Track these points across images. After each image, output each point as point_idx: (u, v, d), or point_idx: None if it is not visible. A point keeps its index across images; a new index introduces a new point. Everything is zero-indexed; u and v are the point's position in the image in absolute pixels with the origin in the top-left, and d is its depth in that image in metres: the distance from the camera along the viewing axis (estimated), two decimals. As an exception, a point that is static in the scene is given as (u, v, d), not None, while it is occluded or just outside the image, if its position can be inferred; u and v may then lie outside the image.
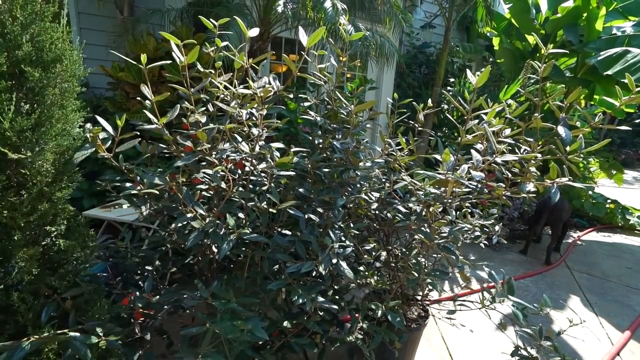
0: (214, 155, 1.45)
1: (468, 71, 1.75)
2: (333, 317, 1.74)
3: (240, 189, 1.48)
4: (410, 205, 1.81)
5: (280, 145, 1.64)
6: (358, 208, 1.94)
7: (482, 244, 2.06)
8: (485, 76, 1.54)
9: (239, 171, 1.54)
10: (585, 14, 4.64)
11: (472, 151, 1.59)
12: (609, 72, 4.03)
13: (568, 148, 1.51)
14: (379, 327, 1.64)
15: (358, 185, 1.81)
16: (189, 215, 1.32)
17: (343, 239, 1.61)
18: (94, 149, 1.28)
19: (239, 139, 1.54)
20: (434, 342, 2.50)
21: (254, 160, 1.52)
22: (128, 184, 1.41)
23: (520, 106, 1.73)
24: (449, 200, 1.65)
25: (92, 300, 1.31)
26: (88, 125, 1.29)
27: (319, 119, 1.91)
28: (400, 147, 1.97)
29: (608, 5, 4.82)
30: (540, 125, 1.59)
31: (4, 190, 1.10)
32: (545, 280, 3.55)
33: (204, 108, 1.50)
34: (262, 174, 1.54)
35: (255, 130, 1.52)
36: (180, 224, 1.44)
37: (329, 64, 1.90)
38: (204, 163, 1.48)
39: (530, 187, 1.54)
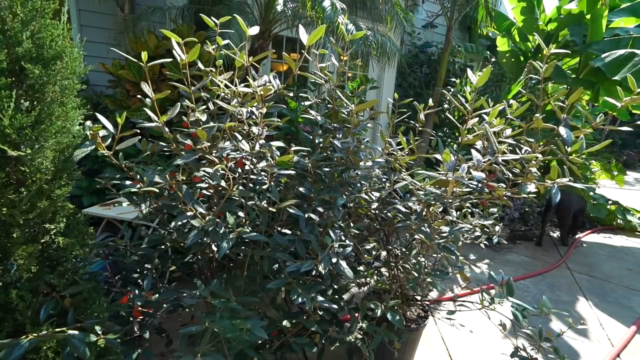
0: (214, 154, 1.45)
1: (469, 70, 1.74)
2: (332, 317, 1.73)
3: (240, 187, 1.48)
4: (411, 204, 1.80)
5: (280, 144, 1.64)
6: (358, 207, 1.94)
7: (482, 245, 2.05)
8: (486, 76, 1.54)
9: (239, 170, 1.53)
10: (589, 15, 4.62)
11: (473, 151, 1.59)
12: (617, 77, 4.01)
13: (569, 149, 1.50)
14: (378, 327, 1.64)
15: (358, 185, 1.81)
16: (188, 213, 1.32)
17: (343, 238, 1.61)
18: (94, 146, 1.28)
19: (239, 137, 1.53)
20: (433, 342, 2.50)
21: (254, 159, 1.51)
22: (128, 182, 1.41)
23: (522, 106, 1.73)
24: (450, 200, 1.65)
25: (91, 298, 1.31)
26: (88, 123, 1.29)
27: (319, 118, 1.91)
28: (400, 146, 1.97)
29: (614, 6, 4.79)
30: (541, 126, 1.59)
31: (3, 187, 1.09)
32: (546, 281, 3.54)
33: (204, 106, 1.50)
34: (262, 173, 1.54)
35: (255, 129, 1.52)
36: (180, 223, 1.44)
37: (329, 63, 1.89)
38: (204, 161, 1.48)
39: (532, 188, 1.54)
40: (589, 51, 4.58)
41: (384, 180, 1.91)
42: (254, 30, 1.45)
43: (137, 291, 1.46)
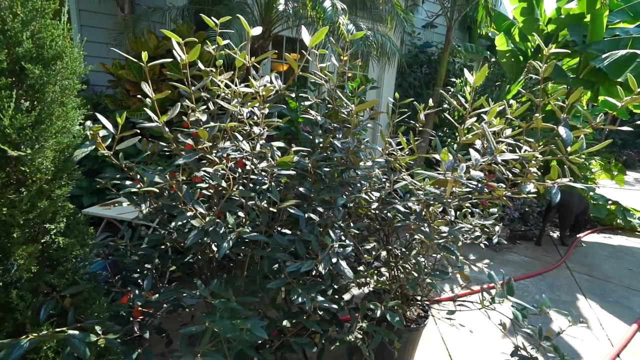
0: (214, 154, 1.45)
1: (466, 70, 1.74)
2: (332, 317, 1.73)
3: (241, 187, 1.48)
4: (410, 204, 1.80)
5: (280, 144, 1.64)
6: (358, 207, 1.94)
7: (482, 245, 2.05)
8: (482, 75, 1.54)
9: (240, 170, 1.53)
10: (589, 15, 4.62)
11: (471, 150, 1.59)
12: (620, 79, 4.01)
13: (569, 148, 1.50)
14: (378, 327, 1.64)
15: (358, 185, 1.81)
16: (188, 213, 1.32)
17: (343, 238, 1.61)
18: (94, 146, 1.28)
19: (240, 137, 1.53)
20: (433, 342, 2.50)
21: (254, 159, 1.51)
22: (128, 182, 1.41)
23: (522, 106, 1.73)
24: (449, 200, 1.65)
25: (91, 298, 1.31)
26: (88, 123, 1.29)
27: (319, 118, 1.91)
28: (400, 146, 1.97)
29: (613, 6, 4.80)
30: (541, 126, 1.59)
31: (3, 187, 1.10)
32: (546, 281, 3.54)
33: (204, 106, 1.50)
34: (263, 173, 1.54)
35: (256, 129, 1.52)
36: (180, 223, 1.44)
37: (330, 63, 1.89)
38: (204, 161, 1.48)
39: (531, 187, 1.54)
40: (588, 51, 4.58)
41: (384, 180, 1.91)
42: (257, 30, 1.45)
43: (137, 291, 1.46)
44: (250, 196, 1.47)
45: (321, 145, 1.85)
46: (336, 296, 1.72)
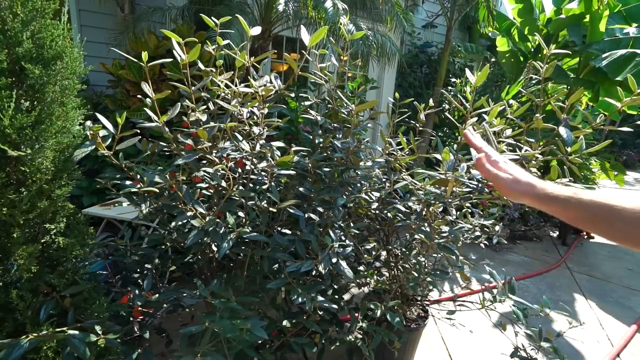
0: (214, 154, 1.45)
1: (467, 70, 1.74)
2: (332, 317, 1.73)
3: (241, 187, 1.48)
4: (410, 204, 1.80)
5: (280, 144, 1.64)
6: (358, 207, 1.94)
7: (482, 245, 2.05)
8: (484, 75, 1.54)
9: (239, 170, 1.53)
10: (588, 15, 4.62)
11: (472, 150, 1.59)
12: (619, 78, 4.02)
13: (569, 149, 1.50)
14: (378, 327, 1.64)
15: (358, 185, 1.81)
16: (188, 213, 1.32)
17: (343, 238, 1.61)
18: (94, 146, 1.27)
19: (240, 137, 1.53)
20: (433, 342, 2.50)
21: (254, 159, 1.51)
22: (128, 182, 1.40)
23: (522, 106, 1.73)
24: (450, 200, 1.65)
25: (91, 298, 1.31)
26: (88, 123, 1.28)
27: (319, 118, 1.91)
28: (400, 146, 1.97)
29: (612, 8, 4.80)
30: (541, 126, 1.59)
31: (3, 187, 1.09)
32: (546, 281, 3.54)
33: (204, 106, 1.50)
34: (263, 173, 1.54)
35: (255, 129, 1.52)
36: (180, 223, 1.44)
37: (330, 63, 1.89)
38: (204, 161, 1.48)
39: None
40: (589, 51, 4.58)
41: (384, 180, 1.91)
42: (256, 30, 1.44)
43: (137, 291, 1.46)
44: (250, 196, 1.47)
45: (321, 145, 1.84)
46: (336, 296, 1.72)
